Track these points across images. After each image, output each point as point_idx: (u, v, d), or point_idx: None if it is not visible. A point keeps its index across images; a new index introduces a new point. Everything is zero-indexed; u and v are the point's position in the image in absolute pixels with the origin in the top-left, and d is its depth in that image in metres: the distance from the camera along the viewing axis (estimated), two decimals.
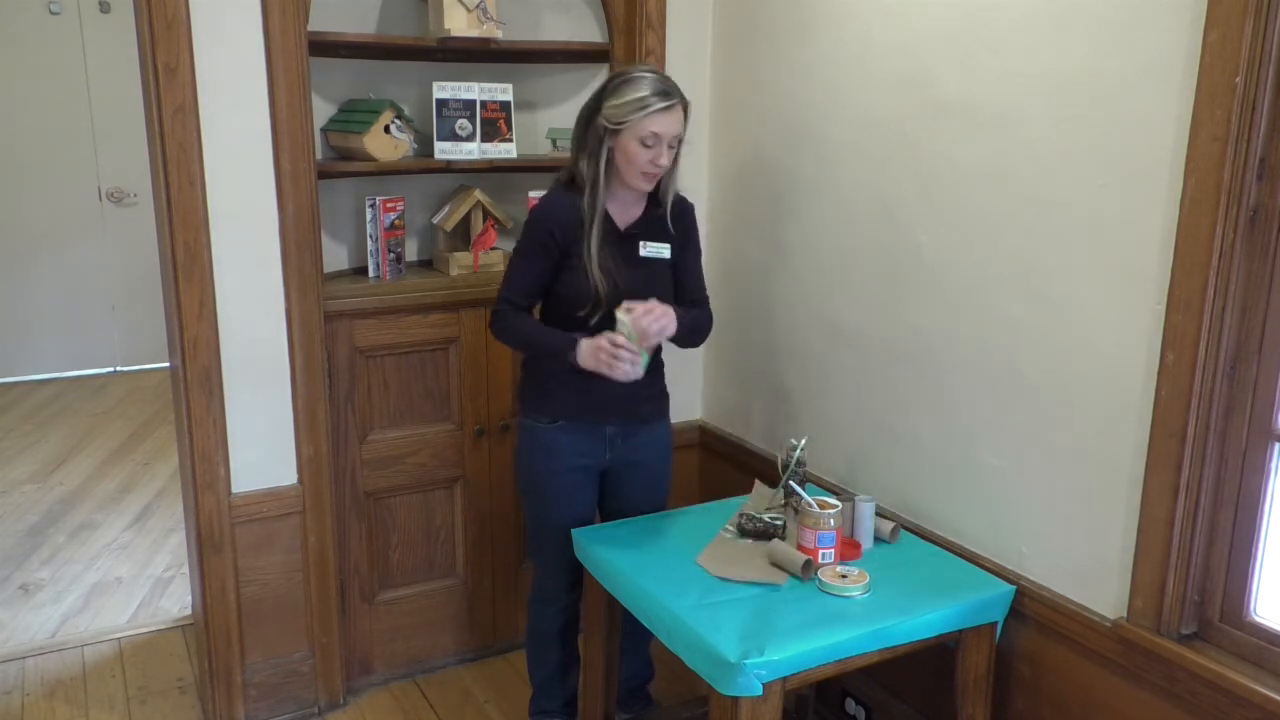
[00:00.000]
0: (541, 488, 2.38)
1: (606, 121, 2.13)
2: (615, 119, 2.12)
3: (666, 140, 2.14)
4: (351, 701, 2.85)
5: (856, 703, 2.56)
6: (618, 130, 2.13)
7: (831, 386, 2.61)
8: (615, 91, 2.13)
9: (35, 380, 6.03)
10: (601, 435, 2.36)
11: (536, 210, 2.28)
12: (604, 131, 2.15)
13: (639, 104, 2.10)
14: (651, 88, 2.11)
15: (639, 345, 2.13)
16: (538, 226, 2.24)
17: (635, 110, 2.10)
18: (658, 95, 2.11)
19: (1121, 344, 1.86)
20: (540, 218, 2.25)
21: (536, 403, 2.35)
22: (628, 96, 2.11)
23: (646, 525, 2.36)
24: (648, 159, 2.14)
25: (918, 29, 2.22)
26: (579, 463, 2.37)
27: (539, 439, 2.35)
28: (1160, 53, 1.73)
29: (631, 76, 2.14)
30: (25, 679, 2.99)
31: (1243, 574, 1.77)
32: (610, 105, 2.13)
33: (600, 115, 2.14)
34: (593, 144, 2.17)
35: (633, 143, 2.13)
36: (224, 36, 2.35)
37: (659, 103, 2.11)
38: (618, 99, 2.12)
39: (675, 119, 2.14)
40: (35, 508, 4.27)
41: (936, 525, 2.33)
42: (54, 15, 5.74)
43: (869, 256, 2.43)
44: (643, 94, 2.10)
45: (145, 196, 5.69)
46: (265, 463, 2.60)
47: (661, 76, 2.16)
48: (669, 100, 2.12)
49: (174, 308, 2.45)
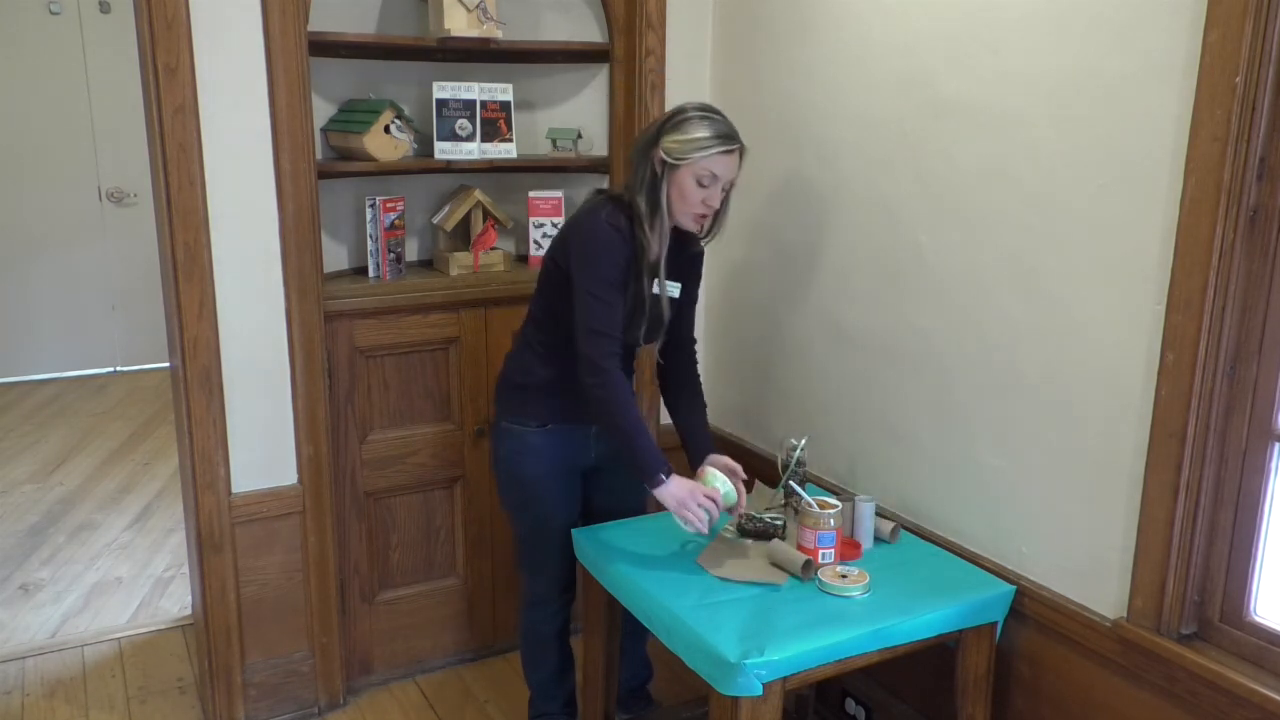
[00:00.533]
0: (532, 491, 2.37)
1: (666, 155, 2.12)
2: (676, 154, 2.11)
3: (722, 182, 2.15)
4: (351, 701, 2.85)
5: (856, 703, 2.57)
6: (676, 166, 2.12)
7: (831, 386, 2.61)
8: (679, 127, 2.12)
9: (35, 380, 6.03)
10: (586, 435, 2.36)
11: (600, 243, 2.13)
12: (662, 166, 2.13)
13: (702, 143, 2.10)
14: (715, 129, 2.11)
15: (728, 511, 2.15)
16: (613, 259, 2.13)
17: (698, 149, 2.10)
18: (721, 138, 2.11)
19: (1121, 344, 1.86)
20: (611, 251, 2.13)
21: (520, 407, 2.34)
22: (692, 134, 2.11)
23: (646, 525, 2.36)
24: (700, 198, 2.14)
25: (918, 29, 2.22)
26: (567, 464, 2.37)
27: (526, 442, 2.34)
28: (1160, 53, 1.73)
29: (695, 115, 2.13)
30: (25, 679, 2.99)
31: (1243, 574, 1.77)
32: (672, 140, 2.12)
33: (659, 148, 2.13)
34: (649, 176, 2.15)
35: (689, 180, 2.13)
36: (224, 36, 2.35)
37: (721, 145, 2.11)
38: (681, 135, 2.11)
39: (733, 163, 2.16)
40: (35, 508, 4.27)
41: (936, 525, 2.33)
42: (54, 15, 5.74)
43: (869, 256, 2.43)
44: (706, 134, 2.11)
45: (145, 196, 5.69)
46: (265, 463, 2.60)
47: (724, 119, 2.16)
48: (731, 144, 2.13)
49: (174, 308, 2.45)
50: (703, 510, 2.08)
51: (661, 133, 2.14)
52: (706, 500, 2.09)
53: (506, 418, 2.37)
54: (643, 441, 2.11)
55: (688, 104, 2.18)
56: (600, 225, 2.14)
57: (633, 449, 2.11)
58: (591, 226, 2.15)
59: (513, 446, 2.36)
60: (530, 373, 2.32)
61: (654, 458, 2.10)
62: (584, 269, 2.13)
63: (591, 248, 2.14)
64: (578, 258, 2.15)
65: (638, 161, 2.18)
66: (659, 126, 2.16)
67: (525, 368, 2.33)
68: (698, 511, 2.07)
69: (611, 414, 2.12)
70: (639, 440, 2.11)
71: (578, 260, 2.15)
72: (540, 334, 2.30)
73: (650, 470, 2.09)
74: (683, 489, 2.10)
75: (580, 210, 2.25)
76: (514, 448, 2.36)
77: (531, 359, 2.32)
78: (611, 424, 2.13)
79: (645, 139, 2.18)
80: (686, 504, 2.08)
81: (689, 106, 2.16)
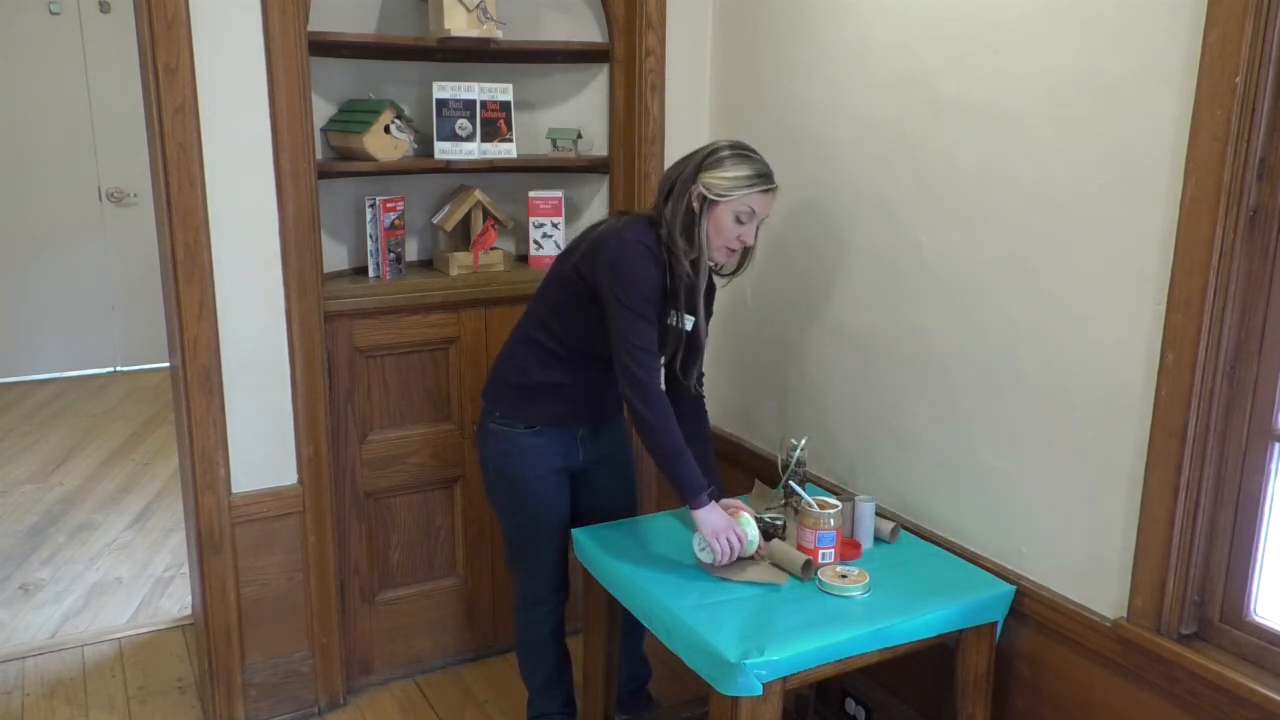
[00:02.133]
0: (523, 492, 2.37)
1: (706, 191, 2.13)
2: (717, 190, 2.13)
3: (758, 219, 2.18)
4: (351, 701, 2.85)
5: (856, 703, 2.57)
6: (716, 202, 2.14)
7: (832, 386, 2.61)
8: (721, 164, 2.14)
9: (35, 380, 6.03)
10: (574, 438, 2.38)
11: (639, 261, 2.14)
12: (701, 201, 2.15)
13: (747, 181, 2.13)
14: (755, 168, 2.15)
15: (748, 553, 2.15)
16: (651, 278, 2.15)
17: (743, 186, 2.13)
18: (761, 177, 2.15)
19: (1121, 344, 1.86)
20: (650, 271, 2.15)
21: (511, 408, 2.34)
22: (736, 172, 2.13)
23: (646, 525, 2.36)
24: (736, 234, 2.17)
25: (918, 29, 2.22)
26: (557, 465, 2.37)
27: (517, 443, 2.34)
28: (1160, 53, 1.73)
29: (733, 154, 2.15)
30: (25, 679, 2.99)
31: (1243, 574, 1.77)
32: (715, 176, 2.13)
33: (698, 184, 2.14)
34: (684, 205, 2.16)
35: (728, 216, 2.15)
36: (224, 36, 2.35)
37: (764, 184, 2.15)
38: (725, 172, 2.13)
39: (771, 201, 2.19)
40: (35, 508, 4.27)
41: (936, 525, 2.33)
42: (54, 15, 5.74)
43: (869, 256, 2.44)
44: (748, 172, 2.13)
45: (145, 196, 5.69)
46: (265, 463, 2.60)
47: (760, 157, 2.18)
48: (771, 184, 2.17)
49: (174, 308, 2.45)
50: (728, 547, 2.09)
51: (701, 169, 2.15)
52: (735, 539, 2.10)
53: (495, 418, 2.36)
54: (685, 460, 2.13)
55: (722, 141, 2.20)
56: (637, 246, 2.14)
57: (676, 468, 2.13)
58: (628, 245, 2.15)
59: (502, 447, 2.36)
60: (526, 374, 2.31)
61: (696, 478, 2.12)
62: (622, 286, 2.13)
63: (629, 267, 2.14)
64: (613, 275, 2.14)
65: (673, 195, 2.17)
66: (698, 163, 2.16)
67: (522, 368, 2.32)
68: (724, 546, 2.09)
69: (655, 432, 2.13)
70: (682, 459, 2.13)
71: (613, 278, 2.14)
72: (543, 336, 2.29)
73: (692, 490, 2.11)
74: (720, 518, 2.12)
75: (609, 228, 2.22)
76: (503, 449, 2.36)
77: (530, 361, 2.31)
78: (653, 441, 2.14)
79: (682, 174, 2.18)
80: (720, 534, 2.09)
81: (724, 144, 2.18)
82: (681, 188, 2.16)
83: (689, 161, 2.19)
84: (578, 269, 2.21)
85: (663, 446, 2.13)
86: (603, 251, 2.17)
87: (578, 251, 2.24)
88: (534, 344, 2.31)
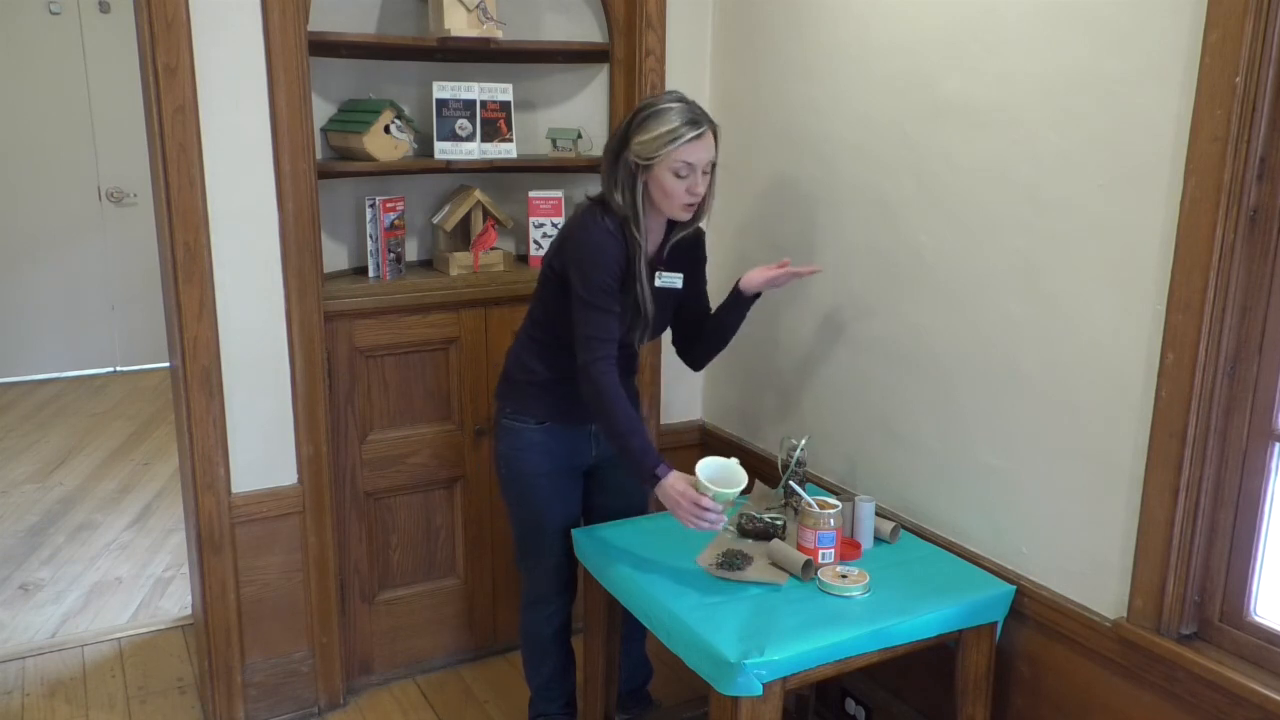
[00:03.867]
0: (532, 489, 2.38)
1: (637, 158, 2.09)
2: (646, 154, 2.08)
3: (700, 168, 2.12)
4: (351, 701, 2.85)
5: (856, 703, 2.56)
6: (649, 165, 2.10)
7: (831, 386, 2.61)
8: (642, 126, 2.09)
9: (35, 380, 6.03)
10: (587, 434, 2.37)
11: (593, 248, 2.13)
12: (635, 167, 2.11)
13: (669, 136, 2.06)
14: (680, 118, 2.07)
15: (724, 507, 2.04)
16: (607, 265, 2.12)
17: (666, 143, 2.06)
18: (687, 124, 2.07)
19: (1122, 344, 1.86)
20: (604, 257, 2.12)
21: (520, 404, 2.35)
22: (656, 130, 2.07)
23: (646, 525, 2.36)
24: (684, 189, 2.11)
25: (918, 29, 2.22)
26: (568, 462, 2.38)
27: (527, 439, 2.35)
28: (1160, 53, 1.73)
29: (658, 109, 2.09)
30: (25, 679, 2.99)
31: (1243, 574, 1.77)
32: (639, 141, 2.09)
33: (629, 151, 2.10)
34: (624, 178, 2.13)
35: (667, 175, 2.10)
36: (224, 36, 2.35)
37: (689, 132, 2.07)
38: (646, 134, 2.08)
39: (707, 145, 2.11)
40: (35, 508, 4.27)
41: (936, 525, 2.33)
42: (54, 15, 5.74)
43: (869, 257, 2.43)
44: (672, 125, 2.06)
45: (145, 196, 5.68)
46: (265, 463, 2.60)
47: (688, 103, 2.11)
48: (698, 129, 2.08)
49: (174, 308, 2.45)
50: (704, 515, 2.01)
51: (629, 133, 2.12)
52: (700, 510, 2.00)
53: (506, 414, 2.38)
54: (637, 441, 2.09)
55: (648, 99, 2.17)
56: (593, 231, 2.14)
57: (628, 448, 2.09)
58: (585, 233, 2.15)
59: (512, 443, 2.37)
60: (529, 371, 2.33)
61: (648, 455, 2.08)
62: (580, 276, 2.13)
63: (586, 254, 2.13)
64: (574, 265, 2.15)
65: (610, 165, 2.17)
66: (625, 127, 2.14)
67: (525, 366, 2.34)
68: (694, 522, 2.02)
69: (605, 414, 2.12)
70: (634, 440, 2.09)
71: (574, 268, 2.15)
72: (539, 333, 2.32)
73: (645, 468, 2.07)
74: (673, 491, 2.03)
75: (573, 217, 2.25)
76: (514, 444, 2.37)
77: (531, 358, 2.33)
78: (607, 425, 2.13)
79: (614, 141, 2.17)
80: (679, 506, 2.02)
81: (649, 101, 2.15)
82: (615, 156, 2.15)
83: (619, 129, 2.16)
84: (552, 264, 2.24)
85: (614, 428, 2.10)
86: (567, 243, 2.20)
87: (554, 246, 2.26)
88: (534, 341, 2.33)
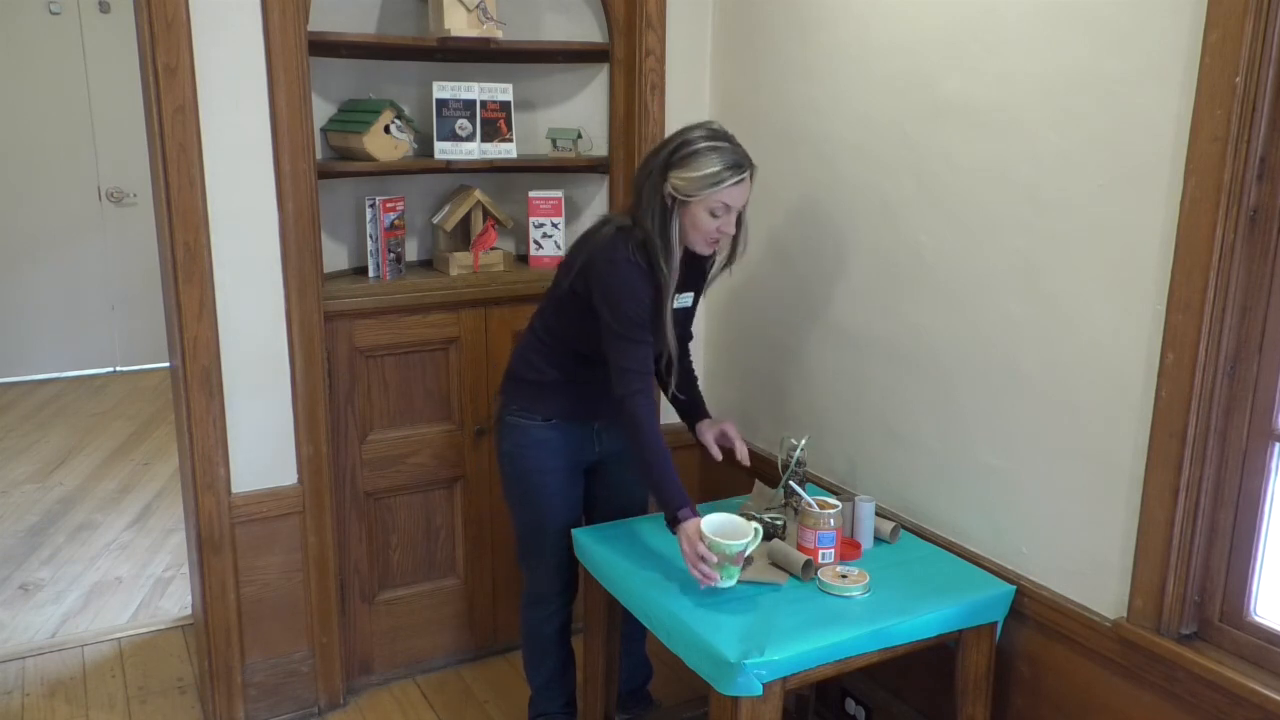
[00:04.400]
0: (537, 486, 2.38)
1: (675, 192, 2.09)
2: (686, 191, 2.08)
3: (735, 209, 2.13)
4: (351, 701, 2.85)
5: (856, 703, 2.57)
6: (686, 201, 2.10)
7: (831, 386, 2.61)
8: (686, 163, 2.08)
9: (35, 380, 6.03)
10: (590, 431, 2.39)
11: (625, 283, 2.12)
12: (672, 201, 2.11)
13: (713, 179, 2.06)
14: (723, 161, 2.07)
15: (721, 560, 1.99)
16: (639, 299, 2.13)
17: (709, 185, 2.07)
18: (731, 169, 2.07)
19: (1121, 344, 1.86)
20: (637, 292, 2.13)
21: (527, 401, 2.35)
22: (700, 171, 2.06)
23: (646, 525, 2.36)
24: (715, 227, 2.13)
25: (918, 29, 2.22)
26: (570, 459, 2.38)
27: (532, 435, 2.35)
28: (1160, 53, 1.73)
29: (702, 147, 2.08)
30: (25, 679, 2.99)
31: (1243, 574, 1.77)
32: (681, 177, 2.08)
33: (668, 184, 2.09)
34: (656, 206, 2.12)
35: (702, 213, 2.10)
36: (224, 36, 2.35)
37: (732, 177, 2.07)
38: (690, 171, 2.07)
39: (746, 188, 2.12)
40: (35, 508, 4.27)
41: (936, 525, 2.33)
42: (54, 15, 5.74)
43: (869, 256, 2.43)
44: (715, 169, 2.06)
45: (145, 196, 5.69)
46: (265, 463, 2.60)
47: (732, 143, 2.11)
48: (741, 174, 2.09)
49: (174, 308, 2.45)
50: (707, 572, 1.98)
51: (669, 166, 2.10)
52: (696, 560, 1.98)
53: (512, 411, 2.38)
54: (668, 485, 2.10)
55: (692, 130, 2.13)
56: (624, 265, 2.12)
57: (659, 485, 2.11)
58: (614, 267, 2.13)
59: (518, 440, 2.37)
60: (538, 370, 2.34)
61: (675, 498, 2.07)
62: (612, 310, 2.13)
63: (618, 290, 2.13)
64: (604, 298, 2.14)
65: (646, 193, 2.13)
66: (666, 158, 2.11)
67: (533, 365, 2.35)
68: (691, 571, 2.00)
69: (642, 450, 2.13)
70: (665, 478, 2.10)
71: (604, 300, 2.14)
72: (551, 339, 2.32)
73: (672, 507, 2.07)
74: (686, 540, 2.01)
75: (597, 244, 2.19)
76: (519, 441, 2.37)
77: (540, 359, 2.34)
78: (640, 459, 2.14)
79: (652, 170, 2.13)
80: (688, 556, 2.01)
81: (695, 134, 2.11)
82: (653, 189, 2.12)
83: (657, 156, 2.13)
84: (574, 288, 2.21)
85: (646, 462, 2.12)
86: (593, 273, 2.16)
87: (574, 268, 2.22)
88: (543, 344, 2.33)
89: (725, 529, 2.01)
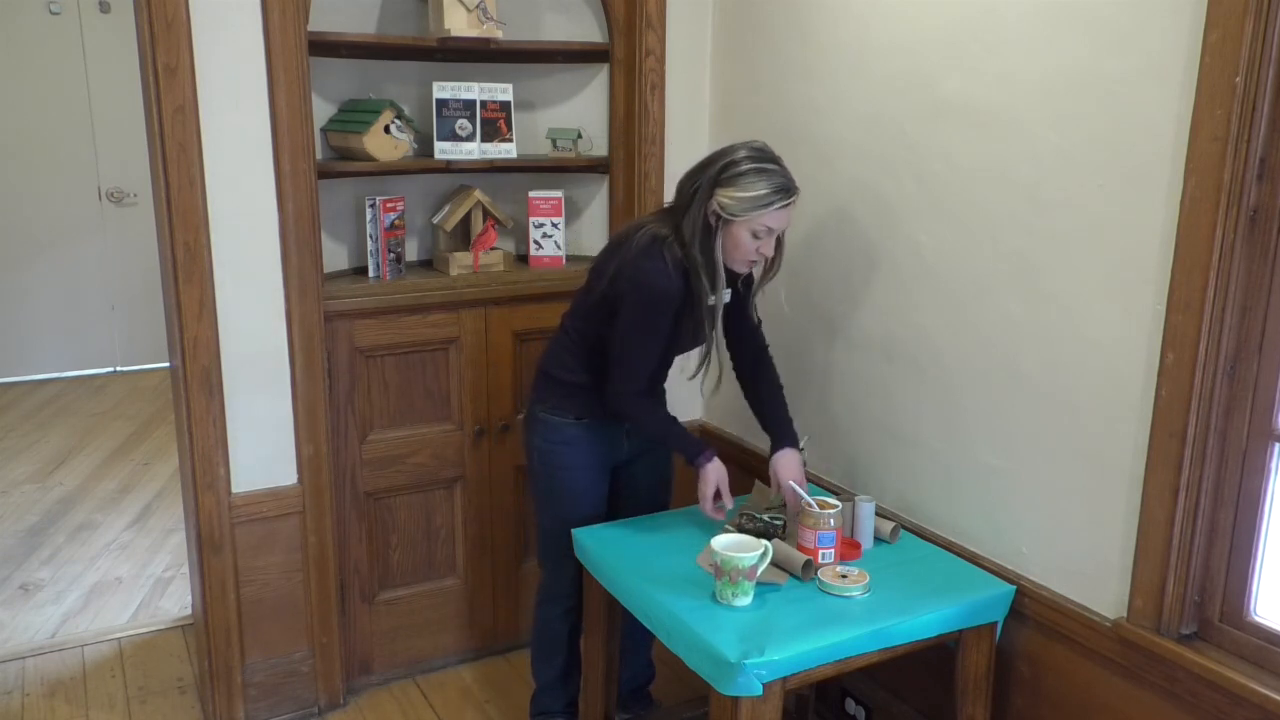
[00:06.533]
0: (565, 483, 2.39)
1: (720, 210, 2.09)
2: (731, 210, 2.08)
3: (777, 232, 2.14)
4: (351, 701, 2.85)
5: (856, 703, 2.56)
6: (730, 220, 2.10)
7: (831, 386, 2.61)
8: (736, 182, 2.07)
9: (35, 380, 6.03)
10: (621, 431, 2.40)
11: (653, 290, 2.13)
12: (716, 219, 2.11)
13: (761, 201, 2.07)
14: (772, 184, 2.07)
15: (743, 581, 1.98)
16: (664, 312, 2.16)
17: (756, 207, 2.07)
18: (779, 193, 2.07)
19: (1121, 344, 1.86)
20: (662, 300, 2.14)
21: (559, 400, 2.36)
22: (750, 192, 2.06)
23: (646, 525, 2.36)
24: (755, 248, 2.14)
25: (918, 29, 2.22)
26: (599, 458, 2.40)
27: (565, 433, 2.36)
28: (1160, 53, 1.73)
29: (751, 169, 2.08)
30: (25, 679, 2.99)
31: (1243, 574, 1.77)
32: (729, 195, 2.07)
33: (714, 201, 2.09)
34: (703, 227, 2.12)
35: (744, 233, 2.11)
36: (224, 36, 2.35)
37: (779, 201, 2.08)
38: (738, 191, 2.07)
39: (790, 213, 2.14)
40: (35, 508, 4.27)
41: (936, 525, 2.33)
42: (54, 15, 5.74)
43: (869, 256, 2.43)
44: (762, 192, 2.06)
45: (145, 196, 5.69)
46: (265, 463, 2.60)
47: (780, 167, 2.11)
48: (789, 198, 2.09)
49: (174, 308, 2.45)
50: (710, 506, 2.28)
51: (717, 184, 2.09)
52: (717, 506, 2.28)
53: (543, 408, 2.39)
54: (680, 437, 2.31)
55: (740, 149, 2.11)
56: (658, 279, 2.12)
57: (674, 445, 2.36)
58: (648, 279, 2.13)
59: (549, 436, 2.38)
60: (571, 371, 2.35)
61: (691, 445, 2.29)
62: (631, 315, 2.17)
63: (644, 301, 2.15)
64: (629, 302, 2.17)
65: (690, 207, 2.13)
66: (714, 176, 2.10)
67: (567, 366, 2.36)
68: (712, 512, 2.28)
69: (641, 426, 2.34)
70: (676, 437, 2.32)
71: (628, 305, 2.17)
72: (583, 340, 2.33)
73: (690, 456, 2.28)
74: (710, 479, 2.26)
75: (635, 251, 2.16)
76: (550, 437, 2.38)
77: (574, 360, 2.35)
78: (646, 434, 2.39)
79: (700, 185, 2.12)
80: (705, 496, 2.26)
81: (742, 153, 2.10)
82: (698, 204, 2.12)
83: (705, 171, 2.12)
84: (606, 295, 2.22)
85: (650, 432, 2.36)
86: (625, 281, 2.17)
87: (607, 274, 2.22)
88: (578, 347, 2.34)
89: (735, 548, 2.02)
